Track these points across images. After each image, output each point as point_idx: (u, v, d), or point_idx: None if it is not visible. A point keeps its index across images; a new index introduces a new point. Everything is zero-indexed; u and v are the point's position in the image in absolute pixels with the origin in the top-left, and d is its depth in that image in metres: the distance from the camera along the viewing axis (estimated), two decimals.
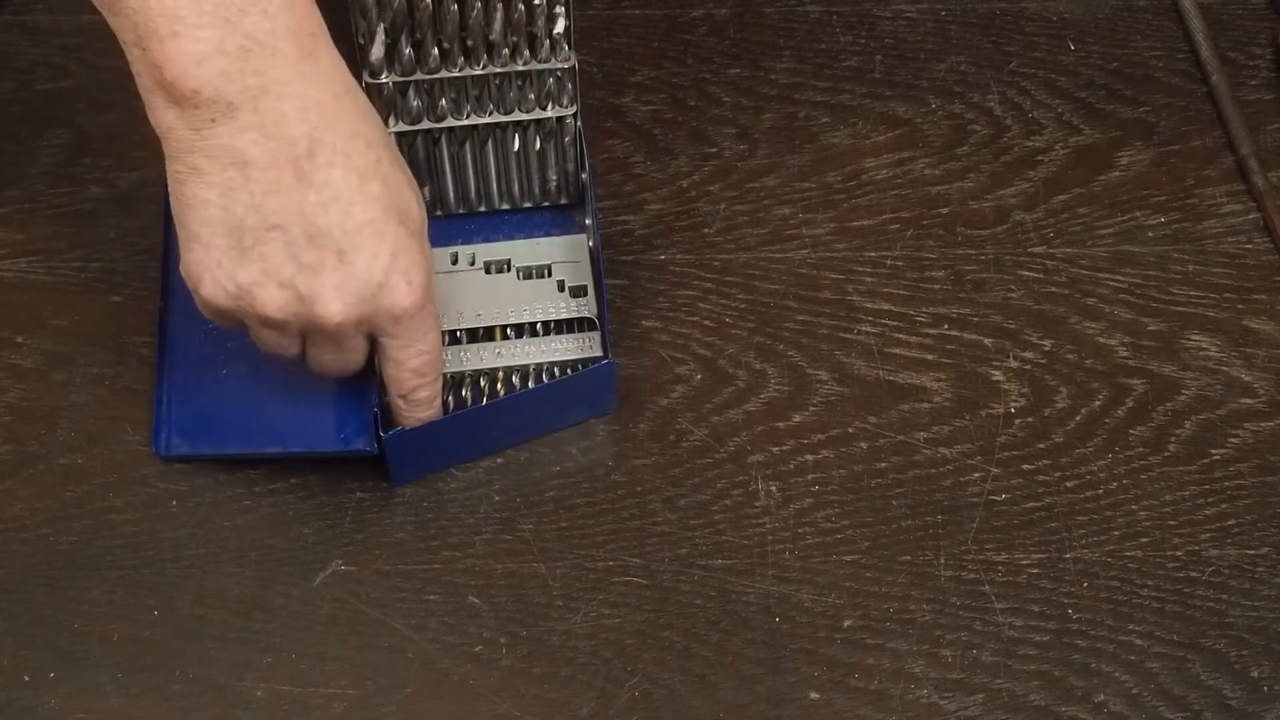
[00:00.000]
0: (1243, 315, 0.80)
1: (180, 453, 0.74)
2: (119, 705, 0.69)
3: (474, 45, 0.73)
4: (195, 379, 0.75)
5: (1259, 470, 0.75)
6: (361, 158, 0.64)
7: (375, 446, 0.72)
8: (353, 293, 0.65)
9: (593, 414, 0.76)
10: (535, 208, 0.80)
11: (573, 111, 0.76)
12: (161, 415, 0.75)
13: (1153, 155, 0.85)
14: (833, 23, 0.91)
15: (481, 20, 0.72)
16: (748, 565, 0.72)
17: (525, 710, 0.69)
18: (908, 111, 0.87)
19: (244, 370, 0.75)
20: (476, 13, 0.72)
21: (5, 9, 0.90)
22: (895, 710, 0.69)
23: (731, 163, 0.85)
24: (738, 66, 0.89)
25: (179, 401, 0.75)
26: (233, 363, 0.75)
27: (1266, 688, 0.69)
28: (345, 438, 0.72)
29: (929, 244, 0.82)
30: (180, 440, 0.74)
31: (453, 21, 0.72)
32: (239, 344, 0.73)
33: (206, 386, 0.75)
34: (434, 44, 0.73)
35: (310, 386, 0.73)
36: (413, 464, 0.73)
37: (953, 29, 0.90)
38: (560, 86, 0.75)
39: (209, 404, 0.74)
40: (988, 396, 0.77)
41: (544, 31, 0.73)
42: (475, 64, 0.74)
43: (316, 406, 0.73)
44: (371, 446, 0.72)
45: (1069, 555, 0.73)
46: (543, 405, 0.74)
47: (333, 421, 0.73)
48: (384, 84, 0.73)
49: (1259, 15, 0.91)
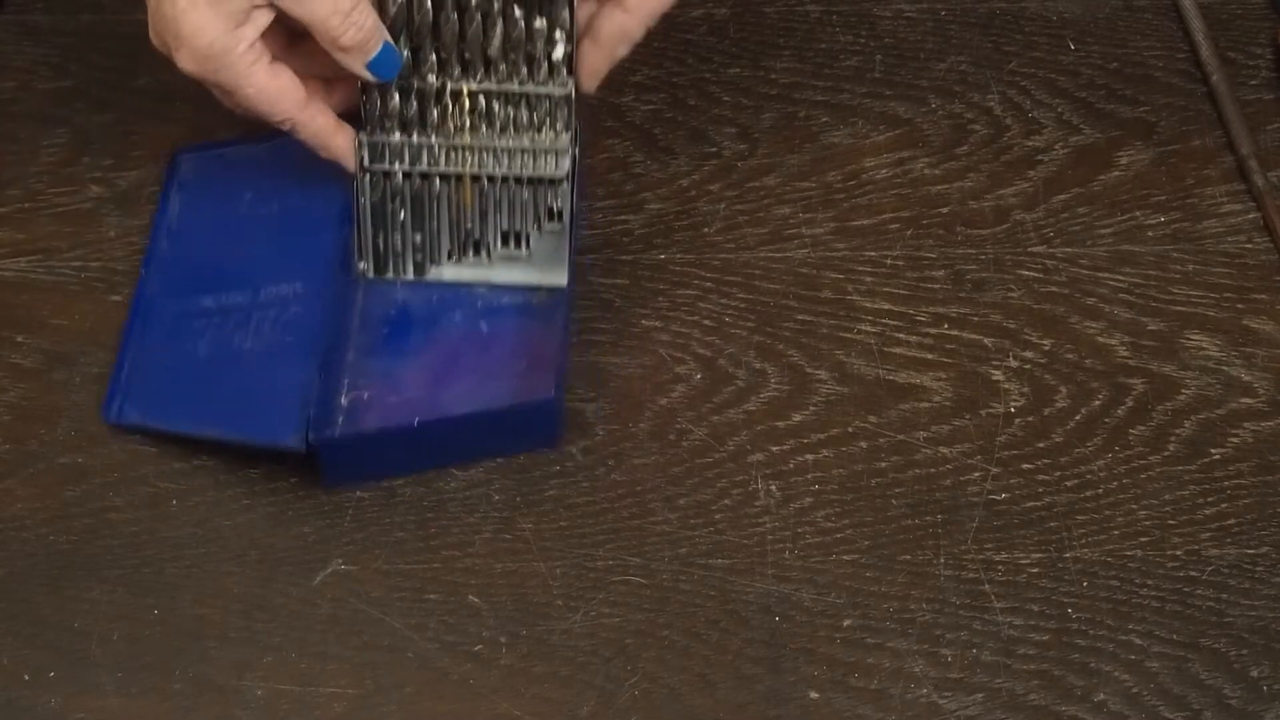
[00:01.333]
0: (1243, 315, 0.80)
1: (130, 421, 0.75)
2: (119, 705, 0.69)
3: (471, 59, 0.73)
4: (158, 352, 0.76)
5: (1259, 470, 0.75)
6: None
7: (304, 444, 0.71)
8: (154, 34, 0.70)
9: (536, 444, 0.75)
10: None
11: (568, 137, 0.75)
12: (119, 381, 0.76)
13: (1153, 155, 0.85)
14: (833, 22, 0.91)
15: (480, 34, 0.72)
16: (748, 565, 0.72)
17: (525, 710, 0.69)
18: (908, 111, 0.87)
19: (205, 350, 0.75)
20: (476, 25, 0.72)
21: (5, 9, 0.90)
22: (895, 710, 0.69)
23: (731, 162, 0.85)
24: (738, 66, 0.89)
25: (138, 371, 0.76)
26: (198, 339, 0.76)
27: (1266, 687, 0.69)
28: (277, 432, 0.72)
29: (929, 244, 0.82)
30: (131, 409, 0.75)
31: (451, 31, 0.72)
32: (206, 321, 0.75)
33: (167, 361, 0.76)
34: (431, 51, 0.73)
35: (258, 376, 0.74)
36: (345, 469, 0.74)
37: (953, 29, 0.90)
38: (557, 112, 0.74)
39: (166, 379, 0.75)
40: (988, 396, 0.77)
41: (543, 54, 0.73)
42: (472, 77, 0.74)
43: (258, 397, 0.73)
44: (300, 444, 0.72)
45: (1069, 555, 0.73)
46: (480, 431, 0.74)
47: (269, 414, 0.73)
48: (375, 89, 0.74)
49: (1259, 15, 0.91)
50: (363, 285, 0.78)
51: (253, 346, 0.75)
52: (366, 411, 0.74)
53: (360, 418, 0.73)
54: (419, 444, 0.74)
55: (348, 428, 0.73)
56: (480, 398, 0.74)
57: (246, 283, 0.77)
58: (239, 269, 0.78)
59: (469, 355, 0.76)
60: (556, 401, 0.74)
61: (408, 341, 0.77)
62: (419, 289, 0.78)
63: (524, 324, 0.77)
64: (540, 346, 0.76)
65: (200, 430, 0.74)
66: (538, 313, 0.77)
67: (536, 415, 0.74)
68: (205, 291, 0.77)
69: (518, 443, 0.75)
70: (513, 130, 0.75)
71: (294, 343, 0.75)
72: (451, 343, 0.76)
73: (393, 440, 0.73)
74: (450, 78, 0.73)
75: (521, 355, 0.76)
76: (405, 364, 0.75)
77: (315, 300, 0.76)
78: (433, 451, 0.74)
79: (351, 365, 0.75)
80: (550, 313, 0.77)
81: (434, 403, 0.74)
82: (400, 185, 0.76)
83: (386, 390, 0.74)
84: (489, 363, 0.75)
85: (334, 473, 0.74)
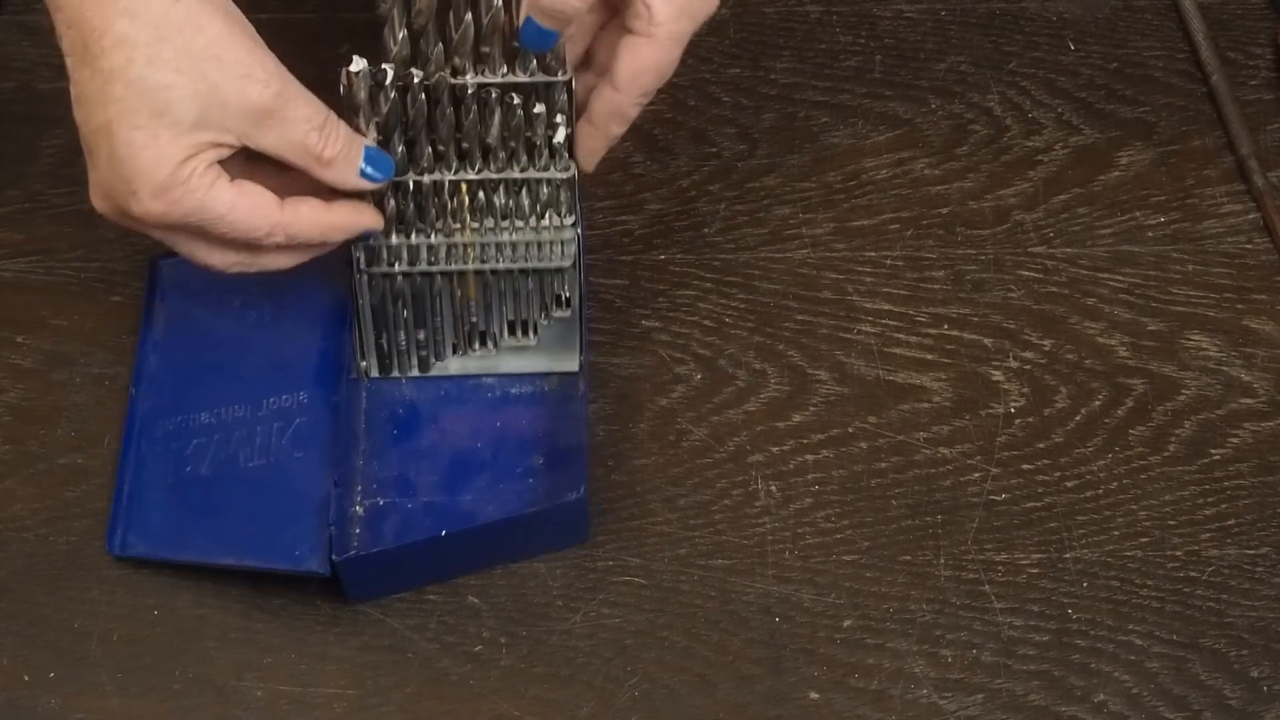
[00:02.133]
0: (1243, 315, 0.80)
1: (135, 553, 0.71)
2: (119, 705, 0.69)
3: (469, 149, 0.70)
4: (157, 477, 0.72)
5: (1259, 470, 0.75)
6: (108, 59, 0.62)
7: (328, 568, 0.69)
8: (101, 193, 0.65)
9: (566, 544, 0.72)
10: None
11: (571, 222, 0.72)
12: (119, 512, 0.72)
13: (1153, 155, 0.85)
14: (833, 23, 0.91)
15: (478, 124, 0.69)
16: (748, 565, 0.72)
17: (525, 710, 0.69)
18: (908, 111, 0.87)
19: (206, 472, 0.72)
20: (473, 115, 0.68)
21: (5, 9, 0.90)
22: (895, 710, 0.69)
23: (731, 163, 0.85)
24: (738, 66, 0.89)
25: (139, 497, 0.72)
26: (199, 459, 0.72)
27: (1266, 688, 0.69)
28: (299, 556, 0.69)
29: (929, 244, 0.82)
30: (136, 540, 0.71)
31: (448, 124, 0.68)
32: (207, 438, 0.72)
33: (168, 486, 0.72)
34: (427, 145, 0.69)
35: (268, 498, 0.71)
36: (369, 584, 0.70)
37: (953, 29, 0.90)
38: (559, 196, 0.71)
39: (170, 504, 0.71)
40: (988, 396, 0.77)
41: (543, 139, 0.69)
42: (470, 168, 0.70)
43: (273, 521, 0.70)
44: (324, 568, 0.69)
45: (1069, 555, 0.73)
46: (507, 537, 0.71)
47: (287, 538, 0.69)
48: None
49: (1259, 15, 0.91)
50: (366, 385, 0.75)
51: (259, 463, 0.72)
52: (385, 522, 0.71)
53: (380, 530, 0.71)
54: (443, 553, 0.70)
55: (370, 543, 0.70)
56: (504, 502, 0.71)
57: (245, 394, 0.74)
58: (235, 380, 0.74)
59: (486, 453, 0.73)
60: (586, 500, 0.71)
61: (419, 441, 0.73)
62: (425, 384, 0.75)
63: (540, 415, 0.74)
64: (561, 439, 0.73)
65: (213, 559, 0.70)
66: (552, 401, 0.74)
67: (564, 514, 0.71)
68: (202, 406, 0.74)
69: (546, 543, 0.72)
70: (515, 219, 0.72)
71: (303, 457, 0.72)
72: (465, 440, 0.73)
73: (417, 551, 0.70)
74: (448, 170, 0.70)
75: (541, 451, 0.73)
76: (420, 466, 0.73)
77: (320, 408, 0.73)
78: (457, 559, 0.71)
79: (363, 472, 0.72)
80: (566, 400, 0.74)
81: (456, 509, 0.71)
82: (400, 285, 0.72)
83: (403, 496, 0.71)
84: (508, 461, 0.72)
85: (358, 589, 0.70)
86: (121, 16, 0.62)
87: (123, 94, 0.62)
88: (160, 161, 0.63)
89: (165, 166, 0.63)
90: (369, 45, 0.70)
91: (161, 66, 0.63)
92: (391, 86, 0.67)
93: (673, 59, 0.68)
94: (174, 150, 0.63)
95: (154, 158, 0.63)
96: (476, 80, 0.68)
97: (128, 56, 0.62)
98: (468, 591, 0.72)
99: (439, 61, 0.67)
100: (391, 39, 0.66)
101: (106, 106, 0.63)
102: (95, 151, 0.64)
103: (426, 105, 0.68)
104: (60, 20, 0.63)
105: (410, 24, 0.66)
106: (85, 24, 0.62)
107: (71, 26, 0.63)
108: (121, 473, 0.73)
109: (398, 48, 0.66)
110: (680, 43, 0.68)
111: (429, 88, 0.67)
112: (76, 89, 0.64)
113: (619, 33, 0.69)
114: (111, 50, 0.62)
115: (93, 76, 0.63)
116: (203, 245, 0.67)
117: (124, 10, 0.62)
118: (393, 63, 0.67)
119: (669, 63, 0.68)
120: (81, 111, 0.64)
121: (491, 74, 0.68)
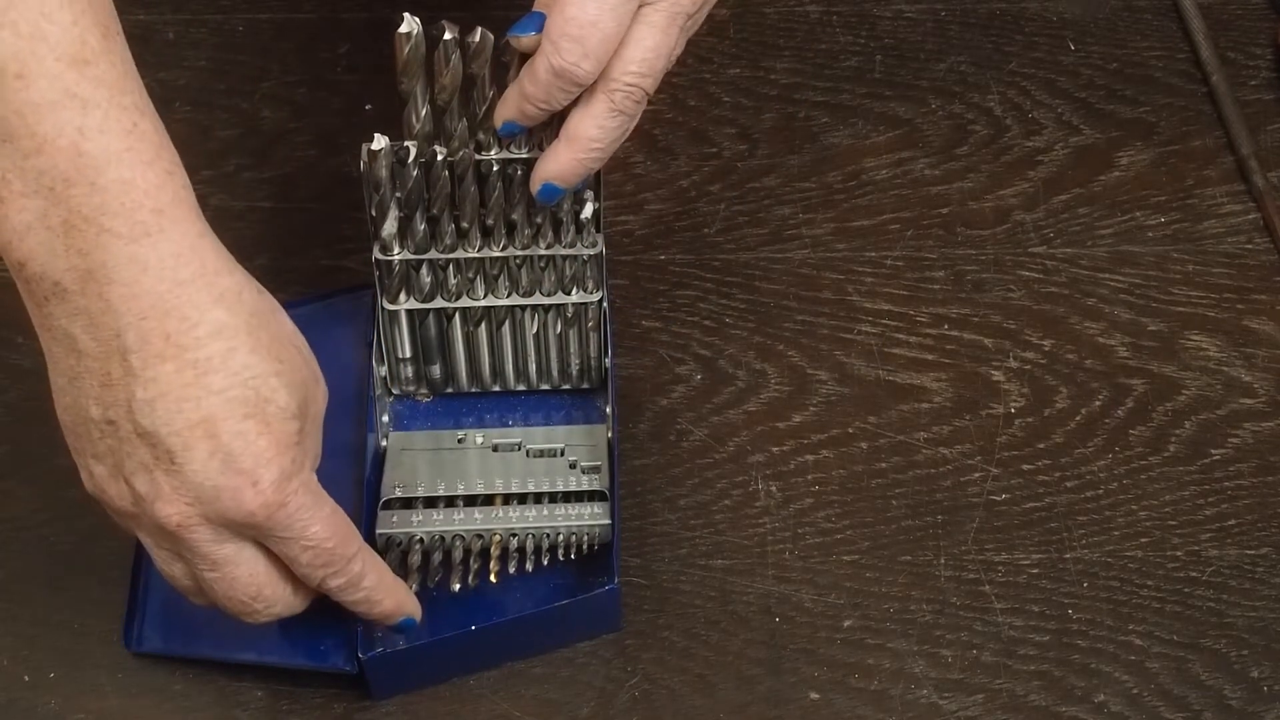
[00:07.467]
0: (1243, 315, 0.80)
1: (152, 649, 0.69)
2: (119, 705, 0.69)
3: (494, 224, 0.69)
4: None
5: (1259, 470, 0.75)
6: (203, 349, 0.58)
7: (355, 665, 0.67)
8: (189, 495, 0.59)
9: (597, 633, 0.70)
10: (553, 390, 0.75)
11: (598, 298, 0.72)
12: (135, 604, 0.70)
13: (1153, 155, 0.85)
14: (833, 23, 0.91)
15: (502, 200, 0.68)
16: (748, 565, 0.72)
17: (525, 710, 0.69)
18: (908, 111, 0.87)
19: None
20: (498, 192, 0.67)
21: None
22: (895, 710, 0.69)
23: (731, 163, 0.85)
24: (738, 66, 0.89)
25: (156, 589, 0.70)
26: None
27: (1266, 688, 0.69)
28: (324, 652, 0.68)
29: (929, 244, 0.82)
30: (154, 635, 0.69)
31: (472, 202, 0.67)
32: None
33: None
34: (450, 221, 0.68)
35: None
36: (395, 681, 0.69)
37: (953, 29, 0.90)
38: (585, 271, 0.71)
39: (186, 601, 0.66)
40: (988, 396, 0.77)
41: (570, 215, 0.69)
42: (495, 245, 0.69)
43: (296, 617, 0.66)
44: (351, 665, 0.67)
45: (1069, 555, 0.73)
46: (537, 628, 0.69)
47: (312, 635, 0.68)
48: (394, 260, 0.69)
49: (1259, 15, 0.91)
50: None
51: None
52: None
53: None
54: (472, 647, 0.69)
55: (396, 639, 0.68)
56: (534, 594, 0.70)
57: None
58: None
59: None
60: (618, 591, 0.69)
61: None
62: None
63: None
64: None
65: (234, 655, 0.69)
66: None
67: (597, 605, 0.69)
68: None
69: (577, 632, 0.70)
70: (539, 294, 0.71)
71: None
72: None
73: (442, 650, 0.68)
74: (471, 248, 0.69)
75: None
76: None
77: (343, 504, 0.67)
78: (486, 653, 0.69)
79: None
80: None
81: (483, 602, 0.69)
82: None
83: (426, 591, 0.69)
84: None
85: (383, 687, 0.68)
86: (217, 306, 0.59)
87: (224, 384, 0.58)
88: (281, 448, 0.60)
89: (287, 453, 0.60)
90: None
91: (265, 354, 0.60)
92: (414, 164, 0.65)
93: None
94: (286, 438, 0.60)
95: (273, 445, 0.60)
96: (501, 156, 0.67)
97: (229, 345, 0.59)
98: None
99: (463, 138, 0.66)
100: (414, 116, 0.65)
101: (202, 401, 0.58)
102: (187, 450, 0.59)
103: (450, 182, 0.67)
104: (91, 323, 0.58)
105: (434, 100, 0.65)
106: (167, 316, 0.57)
107: (130, 327, 0.57)
108: (136, 565, 0.70)
109: (420, 124, 0.65)
110: None
111: (452, 164, 0.66)
112: (148, 391, 0.58)
113: None
114: (208, 340, 0.58)
115: (179, 371, 0.58)
116: (248, 563, 0.62)
117: (218, 299, 0.59)
118: (415, 139, 0.65)
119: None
120: (155, 414, 0.58)
121: (517, 149, 0.67)
